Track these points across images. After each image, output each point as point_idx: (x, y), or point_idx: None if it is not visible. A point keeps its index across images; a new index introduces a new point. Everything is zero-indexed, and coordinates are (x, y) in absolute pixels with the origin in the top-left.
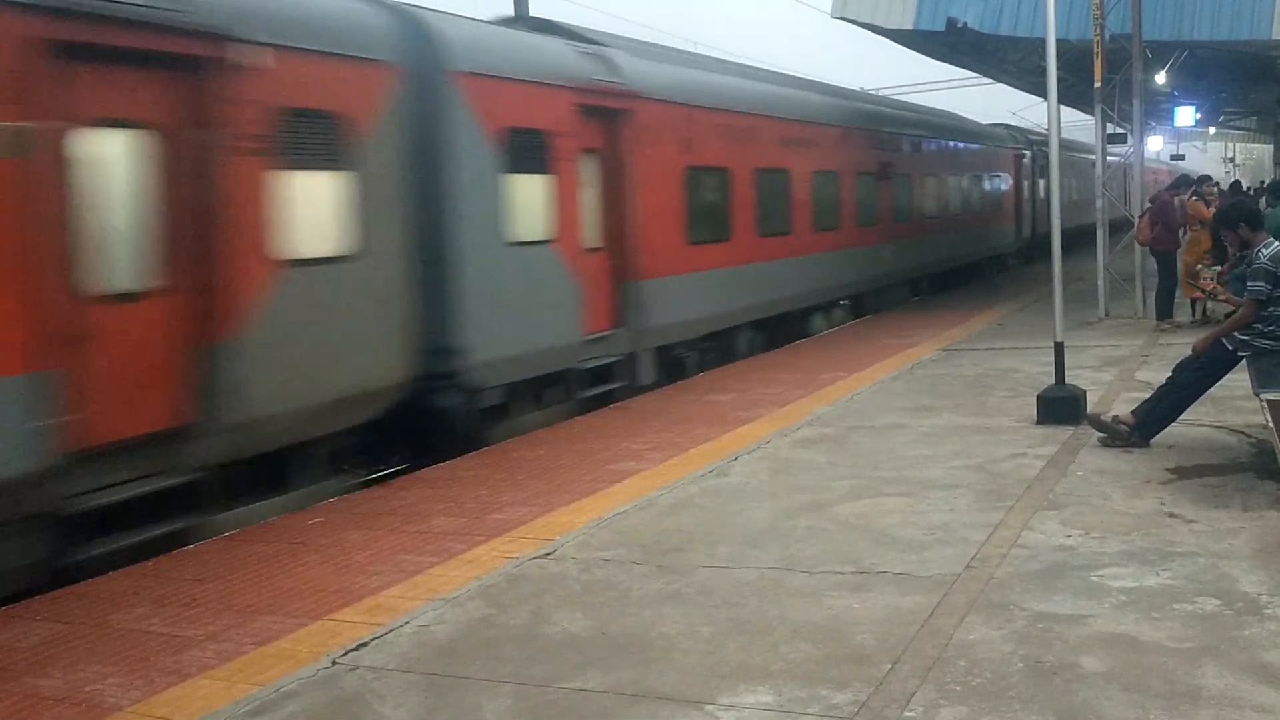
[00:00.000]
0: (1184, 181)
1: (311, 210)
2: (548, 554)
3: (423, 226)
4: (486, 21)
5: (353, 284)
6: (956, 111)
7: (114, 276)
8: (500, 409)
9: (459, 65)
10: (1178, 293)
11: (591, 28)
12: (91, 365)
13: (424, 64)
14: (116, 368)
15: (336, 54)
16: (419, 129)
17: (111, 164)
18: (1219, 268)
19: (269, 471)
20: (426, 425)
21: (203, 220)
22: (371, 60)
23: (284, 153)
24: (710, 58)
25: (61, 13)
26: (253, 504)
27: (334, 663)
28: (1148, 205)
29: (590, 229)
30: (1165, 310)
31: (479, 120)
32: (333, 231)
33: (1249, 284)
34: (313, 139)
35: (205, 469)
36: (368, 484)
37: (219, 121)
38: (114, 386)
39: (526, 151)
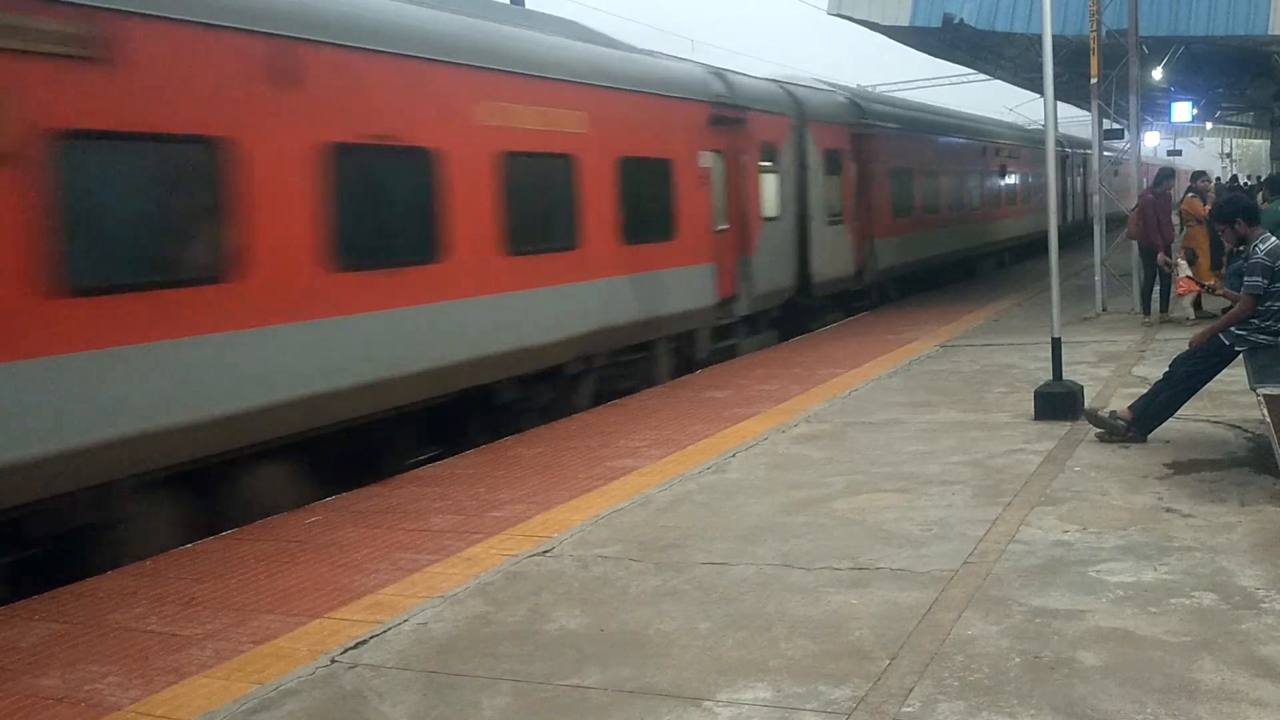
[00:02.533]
0: (1167, 175)
1: (769, 192)
2: (546, 551)
3: (799, 205)
4: (818, 88)
5: (781, 233)
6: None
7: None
8: (825, 310)
9: (811, 117)
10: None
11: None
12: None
13: (799, 118)
14: (724, 264)
15: (775, 113)
16: (795, 151)
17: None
18: (1181, 260)
19: (752, 327)
20: (797, 312)
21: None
22: (782, 115)
23: (762, 162)
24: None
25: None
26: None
27: (333, 661)
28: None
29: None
30: (1146, 305)
31: (815, 145)
32: (774, 204)
33: (1246, 279)
34: (766, 155)
35: (739, 317)
36: (366, 483)
37: (745, 148)
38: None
39: (832, 163)
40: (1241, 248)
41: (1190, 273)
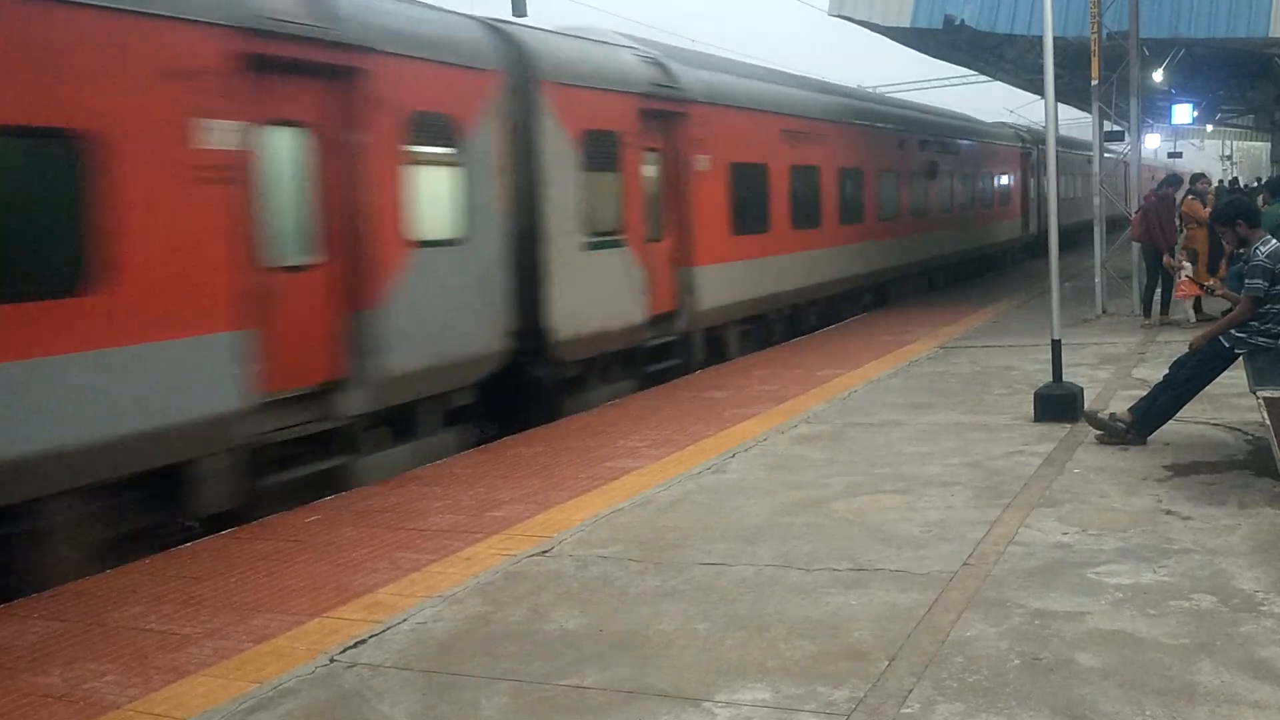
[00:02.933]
0: (1173, 181)
1: (436, 196)
2: (545, 551)
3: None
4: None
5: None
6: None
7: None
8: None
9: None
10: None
11: None
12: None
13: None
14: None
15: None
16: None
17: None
18: (1186, 263)
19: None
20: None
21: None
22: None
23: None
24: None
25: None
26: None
27: (332, 660)
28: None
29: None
30: (1146, 307)
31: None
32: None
33: (1246, 281)
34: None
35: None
36: (365, 481)
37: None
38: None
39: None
40: (1242, 250)
41: (1192, 275)
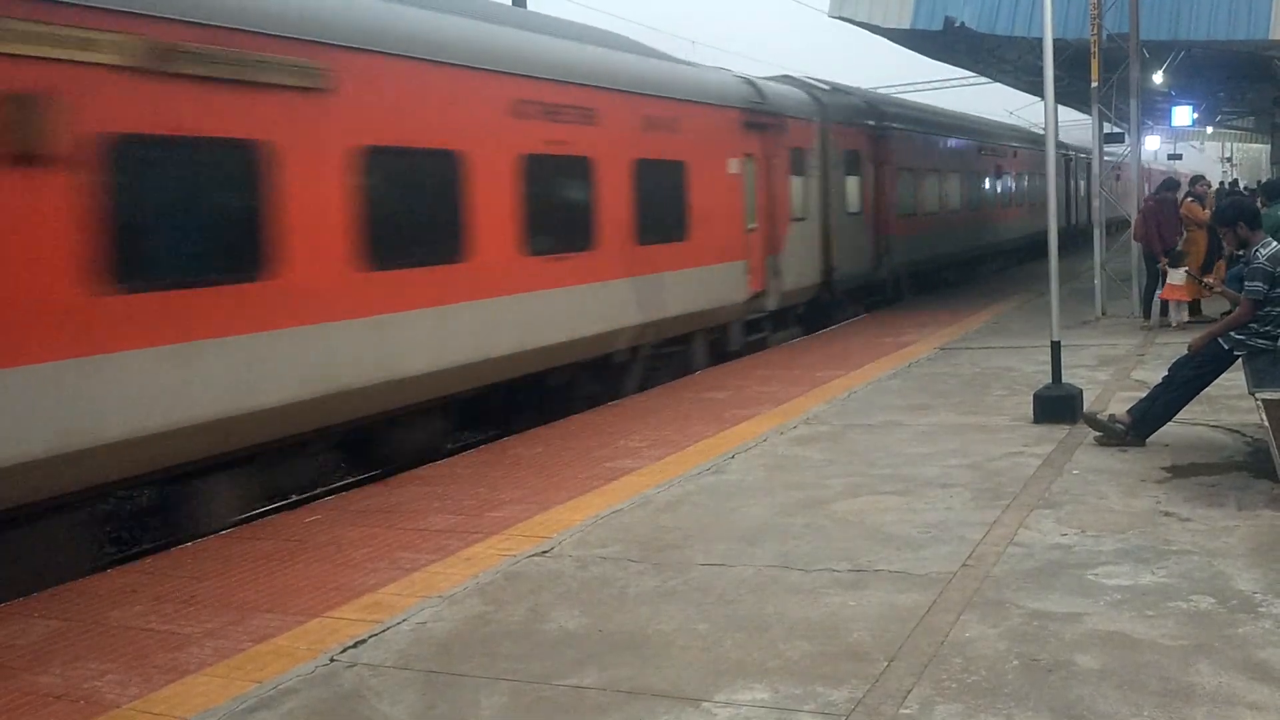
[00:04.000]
0: (1171, 185)
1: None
2: (545, 551)
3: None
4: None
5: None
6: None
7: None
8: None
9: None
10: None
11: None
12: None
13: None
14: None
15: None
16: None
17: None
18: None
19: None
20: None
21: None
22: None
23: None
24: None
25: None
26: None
27: (332, 660)
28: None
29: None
30: (1146, 309)
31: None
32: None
33: (1246, 284)
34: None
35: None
36: (367, 481)
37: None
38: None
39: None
40: (1241, 252)
41: (1180, 280)
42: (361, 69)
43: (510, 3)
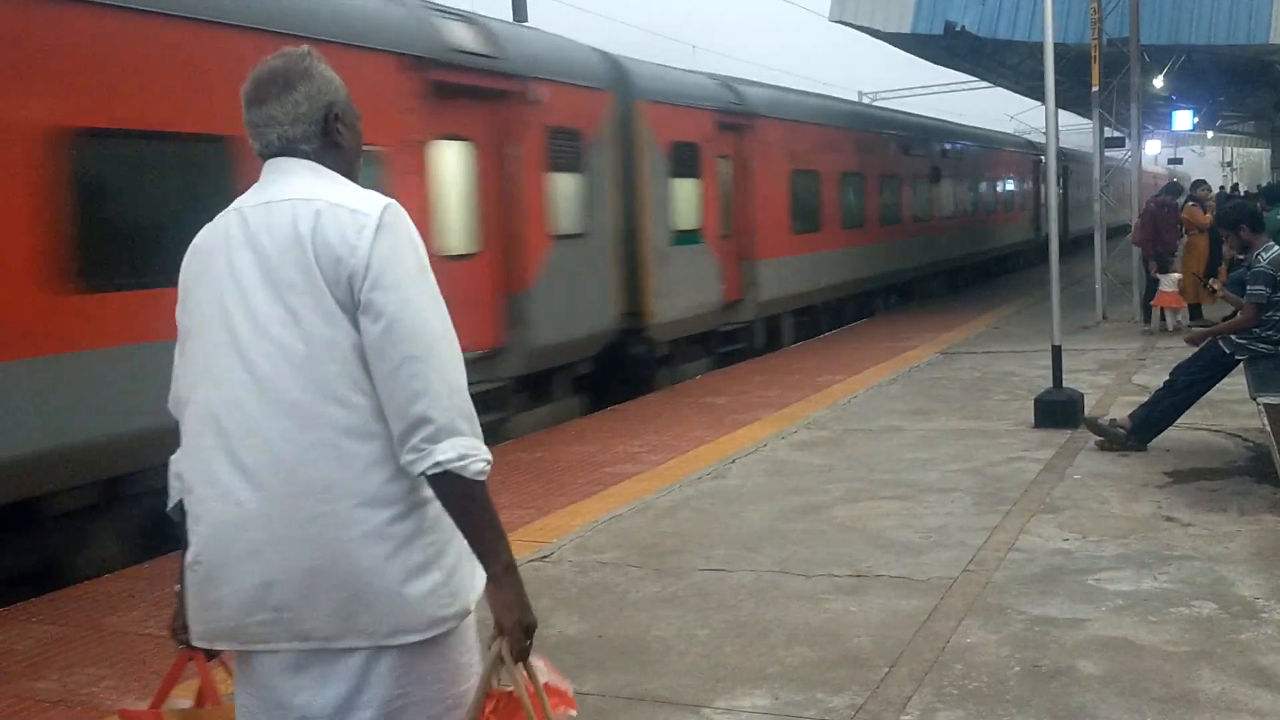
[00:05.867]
0: (1173, 189)
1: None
2: (544, 556)
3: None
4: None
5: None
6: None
7: None
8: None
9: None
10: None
11: None
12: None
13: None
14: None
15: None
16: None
17: None
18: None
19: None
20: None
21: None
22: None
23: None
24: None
25: None
26: None
27: None
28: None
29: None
30: (1146, 313)
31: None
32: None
33: (1249, 288)
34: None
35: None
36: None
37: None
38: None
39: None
40: (1242, 256)
41: (1171, 287)
42: None
43: (511, 12)
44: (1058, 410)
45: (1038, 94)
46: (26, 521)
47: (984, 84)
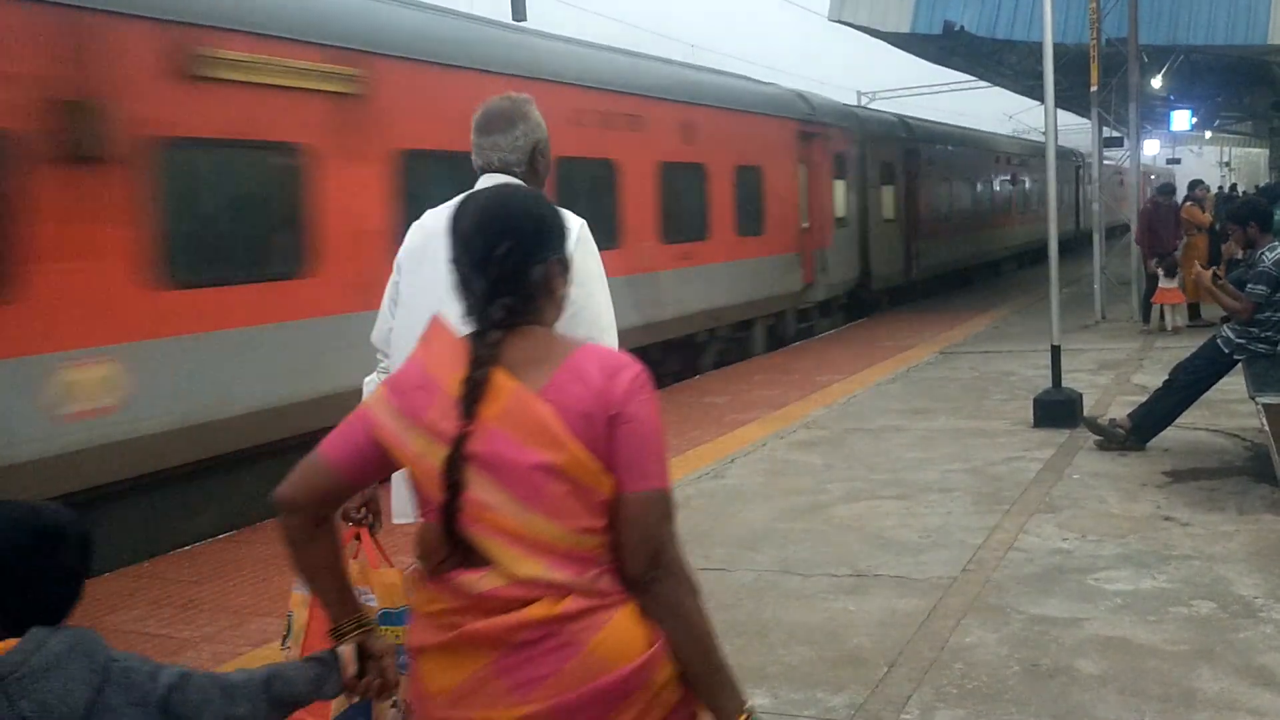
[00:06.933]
0: (1167, 190)
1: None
2: None
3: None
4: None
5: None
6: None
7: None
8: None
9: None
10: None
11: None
12: None
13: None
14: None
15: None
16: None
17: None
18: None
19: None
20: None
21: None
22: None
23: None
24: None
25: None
26: None
27: None
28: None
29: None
30: (1145, 313)
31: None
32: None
33: (1249, 286)
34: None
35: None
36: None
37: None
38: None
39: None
40: (1242, 256)
41: (1173, 284)
42: None
43: (511, 13)
44: (1057, 410)
45: (1036, 94)
46: None
47: (983, 84)
